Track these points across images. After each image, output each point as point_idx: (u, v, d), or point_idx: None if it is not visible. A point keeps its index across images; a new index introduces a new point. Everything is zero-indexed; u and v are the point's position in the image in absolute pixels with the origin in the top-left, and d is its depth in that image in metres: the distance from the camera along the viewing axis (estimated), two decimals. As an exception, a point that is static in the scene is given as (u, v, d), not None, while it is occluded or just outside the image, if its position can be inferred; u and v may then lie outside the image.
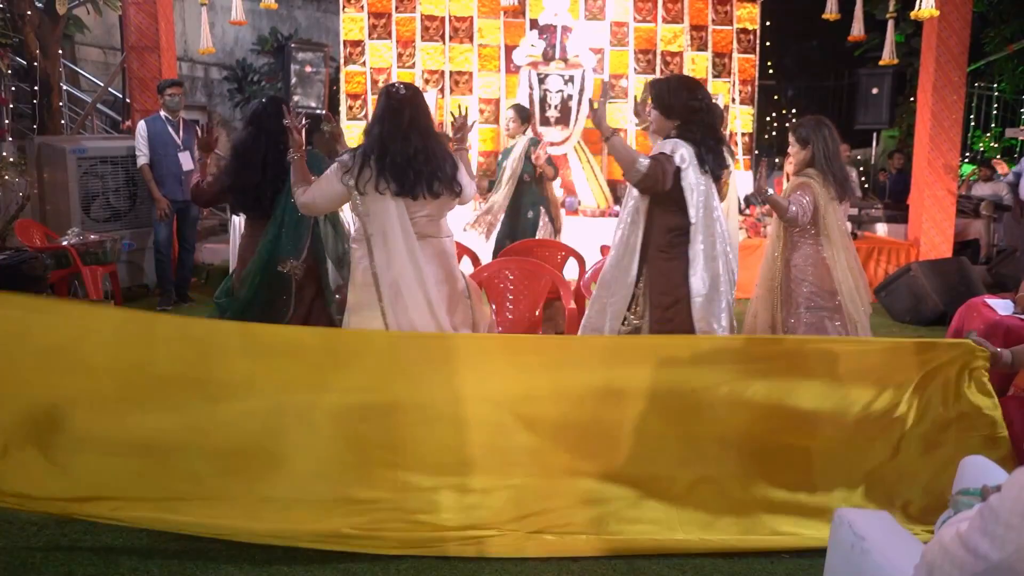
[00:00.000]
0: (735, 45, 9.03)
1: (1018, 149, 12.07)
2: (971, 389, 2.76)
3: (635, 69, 8.97)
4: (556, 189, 6.27)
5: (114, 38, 10.93)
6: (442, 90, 8.86)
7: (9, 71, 8.38)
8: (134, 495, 2.72)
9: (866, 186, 10.95)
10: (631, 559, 2.73)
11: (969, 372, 2.76)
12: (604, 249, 5.64)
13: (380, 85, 8.75)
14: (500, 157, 6.40)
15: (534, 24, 8.47)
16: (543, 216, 6.12)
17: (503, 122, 6.45)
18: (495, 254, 5.65)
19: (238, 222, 6.62)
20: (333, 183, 3.12)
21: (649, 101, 3.59)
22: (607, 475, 2.80)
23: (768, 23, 9.29)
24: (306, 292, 3.67)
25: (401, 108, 3.12)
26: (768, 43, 9.59)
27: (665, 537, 2.76)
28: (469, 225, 6.13)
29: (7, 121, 7.84)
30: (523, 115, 6.30)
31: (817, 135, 3.88)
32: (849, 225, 8.04)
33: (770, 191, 3.95)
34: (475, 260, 5.29)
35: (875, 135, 10.77)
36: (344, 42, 8.82)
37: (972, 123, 12.20)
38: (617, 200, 7.94)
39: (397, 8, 8.68)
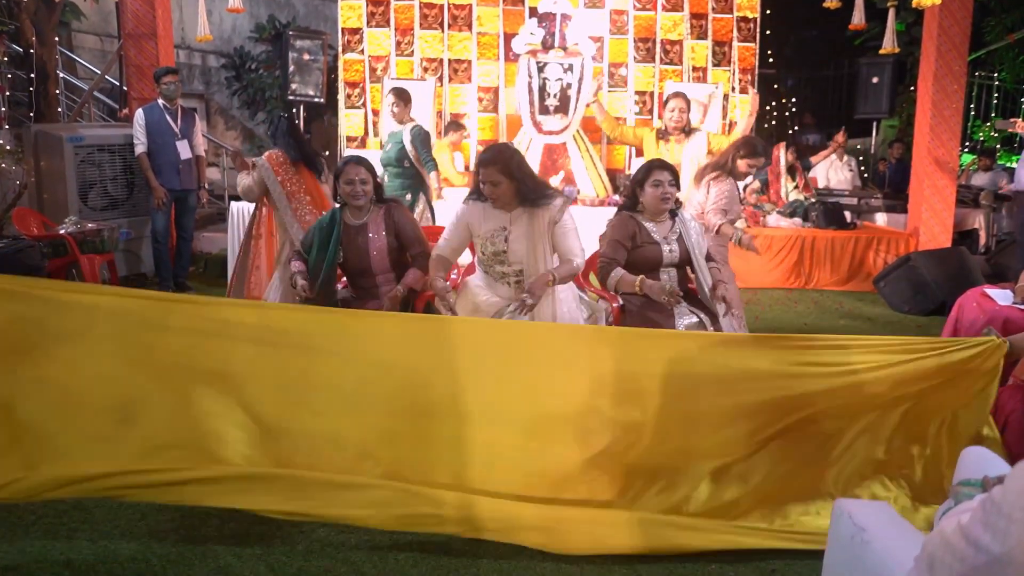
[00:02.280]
0: (735, 33, 9.00)
1: (1017, 139, 12.04)
2: (988, 387, 2.78)
3: (635, 58, 8.94)
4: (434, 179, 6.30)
5: (111, 25, 10.86)
6: (440, 78, 8.82)
7: (5, 58, 8.34)
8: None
9: (866, 176, 10.94)
10: (629, 559, 2.71)
11: (990, 370, 2.77)
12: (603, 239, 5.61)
13: (379, 73, 8.73)
14: (385, 142, 6.34)
15: (533, 12, 8.44)
16: (421, 201, 6.13)
17: (385, 107, 6.43)
18: None
19: (236, 210, 6.60)
20: None
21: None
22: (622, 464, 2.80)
23: (768, 11, 9.26)
24: None
25: None
26: (768, 32, 9.56)
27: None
28: None
29: (3, 109, 7.81)
30: (405, 98, 6.21)
31: None
32: (847, 215, 8.07)
33: None
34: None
35: (875, 124, 10.75)
36: (342, 30, 8.78)
37: (972, 113, 12.17)
38: (616, 189, 7.93)
39: (396, -4, 8.67)
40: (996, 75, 12.30)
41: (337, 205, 3.98)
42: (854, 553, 1.88)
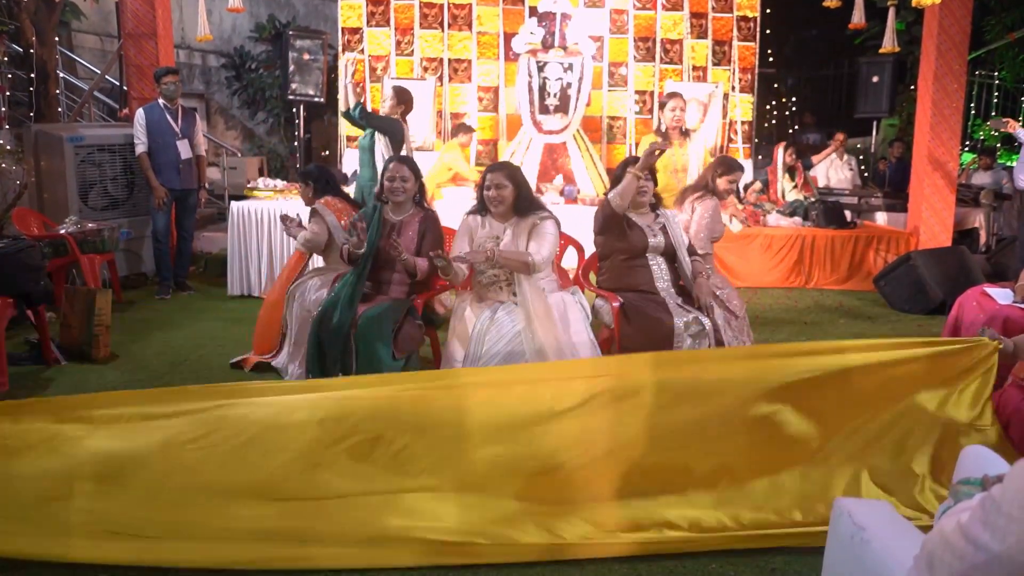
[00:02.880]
0: (735, 33, 9.00)
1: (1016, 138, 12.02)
2: (978, 386, 2.80)
3: (635, 57, 8.94)
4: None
5: (111, 25, 10.87)
6: (440, 78, 8.82)
7: (5, 58, 8.34)
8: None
9: (866, 175, 10.94)
10: (631, 559, 2.69)
11: (982, 371, 2.81)
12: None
13: (379, 73, 8.73)
14: (367, 139, 6.12)
15: (533, 11, 8.44)
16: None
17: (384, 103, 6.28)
18: None
19: (237, 210, 6.60)
20: None
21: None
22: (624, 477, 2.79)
23: (768, 11, 9.26)
24: None
25: None
26: (768, 31, 9.56)
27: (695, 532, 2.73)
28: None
29: (4, 109, 7.80)
30: (401, 98, 6.07)
31: None
32: (847, 214, 8.07)
33: None
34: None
35: (875, 124, 10.75)
36: (342, 29, 8.78)
37: (972, 112, 12.16)
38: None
39: (395, -5, 8.67)
40: (996, 74, 12.28)
41: (378, 203, 4.23)
42: (854, 552, 1.89)
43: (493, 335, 3.67)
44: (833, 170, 9.63)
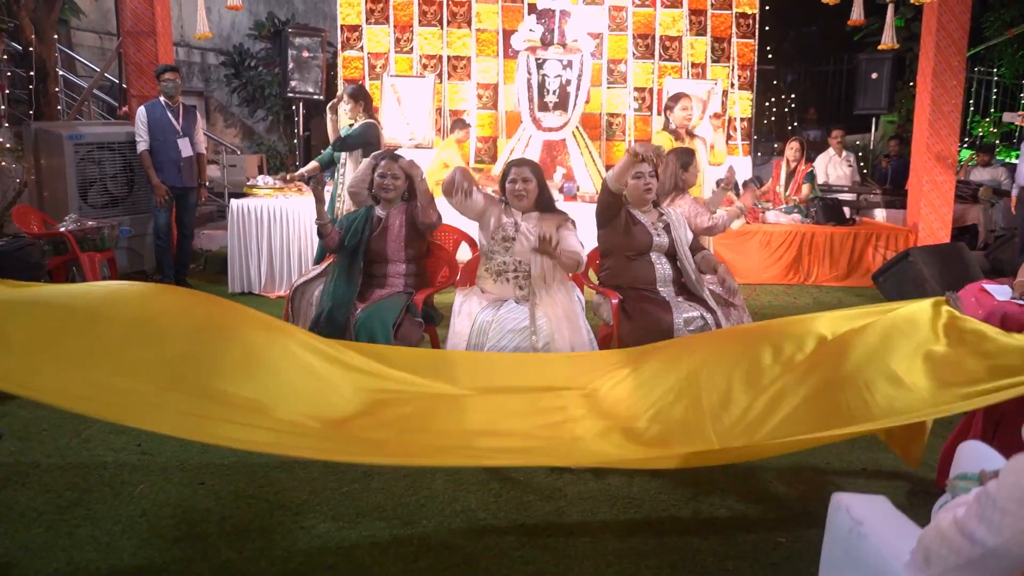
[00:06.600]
0: (734, 30, 8.99)
1: (1017, 134, 12.04)
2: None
3: (634, 54, 8.93)
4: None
5: (110, 23, 10.87)
6: (440, 75, 8.82)
7: (5, 56, 8.34)
8: None
9: (865, 171, 10.94)
10: (623, 535, 2.73)
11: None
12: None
13: (378, 70, 8.73)
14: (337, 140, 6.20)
15: (532, 8, 8.44)
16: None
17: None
18: None
19: (236, 208, 6.61)
20: None
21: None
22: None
23: (767, 7, 9.25)
24: None
25: None
26: (767, 28, 9.55)
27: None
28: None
29: (3, 107, 7.81)
30: (357, 96, 6.12)
31: None
32: (846, 211, 8.07)
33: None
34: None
35: (874, 120, 10.75)
36: (341, 27, 8.78)
37: (971, 108, 12.17)
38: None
39: (395, -8, 8.66)
40: (995, 70, 12.29)
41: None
42: (851, 546, 1.90)
43: (496, 331, 3.65)
44: (832, 167, 9.63)
